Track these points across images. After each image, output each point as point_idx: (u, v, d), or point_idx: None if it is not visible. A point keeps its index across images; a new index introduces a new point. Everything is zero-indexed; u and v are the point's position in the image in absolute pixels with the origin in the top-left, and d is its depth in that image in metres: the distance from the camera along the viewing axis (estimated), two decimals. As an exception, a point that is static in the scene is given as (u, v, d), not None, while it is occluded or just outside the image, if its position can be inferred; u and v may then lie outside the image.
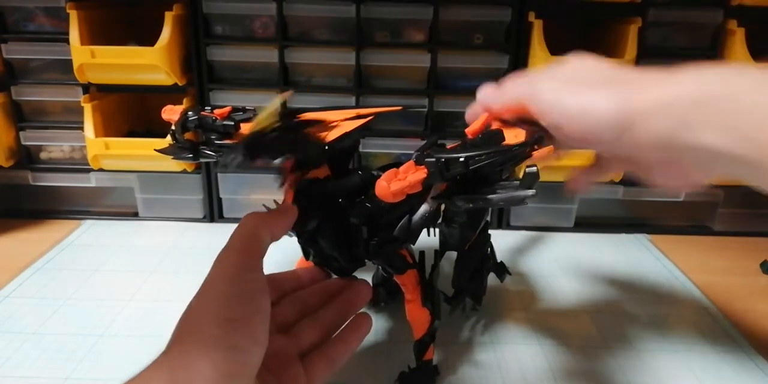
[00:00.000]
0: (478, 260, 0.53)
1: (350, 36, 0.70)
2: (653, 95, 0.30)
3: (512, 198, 0.32)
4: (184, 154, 0.41)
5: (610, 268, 0.68)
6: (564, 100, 0.33)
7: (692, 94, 0.29)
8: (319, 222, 0.39)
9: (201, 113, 0.41)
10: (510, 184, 0.32)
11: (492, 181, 0.33)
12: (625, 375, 0.49)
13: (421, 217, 0.40)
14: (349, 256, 0.41)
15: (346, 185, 0.41)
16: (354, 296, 0.42)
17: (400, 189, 0.32)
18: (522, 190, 0.32)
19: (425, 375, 0.47)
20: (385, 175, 0.32)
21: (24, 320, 0.54)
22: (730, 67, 0.29)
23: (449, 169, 0.32)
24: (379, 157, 0.76)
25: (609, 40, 0.74)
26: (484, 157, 0.32)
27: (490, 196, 0.33)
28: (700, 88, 0.29)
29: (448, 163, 0.32)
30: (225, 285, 0.32)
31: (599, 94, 0.32)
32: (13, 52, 0.71)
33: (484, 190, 0.33)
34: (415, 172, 0.32)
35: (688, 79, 0.30)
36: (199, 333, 0.30)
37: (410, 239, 0.41)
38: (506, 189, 0.32)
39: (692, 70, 0.30)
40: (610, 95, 0.31)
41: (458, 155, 0.32)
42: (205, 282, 0.33)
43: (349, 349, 0.39)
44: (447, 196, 0.35)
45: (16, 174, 0.76)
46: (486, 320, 0.56)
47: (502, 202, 0.33)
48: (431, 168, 0.32)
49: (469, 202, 0.34)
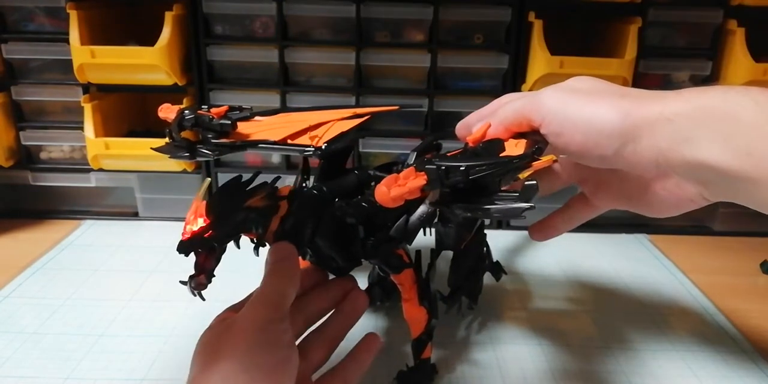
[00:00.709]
0: (474, 260, 0.53)
1: (350, 36, 0.70)
2: (657, 110, 0.30)
3: (510, 210, 0.32)
4: (180, 153, 0.41)
5: (610, 268, 0.68)
6: (568, 108, 0.33)
7: (694, 110, 0.29)
8: (313, 228, 0.39)
9: (198, 112, 0.41)
10: (508, 196, 0.33)
11: (491, 191, 0.34)
12: (625, 375, 0.49)
13: (418, 217, 0.40)
14: (346, 255, 0.41)
15: (342, 185, 0.41)
16: (353, 306, 0.41)
17: (399, 195, 0.32)
18: (520, 202, 0.32)
19: (423, 374, 0.47)
20: (385, 181, 0.32)
21: (24, 320, 0.54)
22: (732, 87, 0.30)
23: (449, 177, 0.32)
24: (379, 157, 0.76)
25: (609, 40, 0.74)
26: (485, 167, 0.32)
27: (487, 207, 0.33)
28: (702, 105, 0.29)
29: (449, 171, 0.32)
30: (254, 333, 0.32)
31: (604, 105, 0.32)
32: (13, 52, 0.71)
33: (483, 200, 0.33)
34: (415, 178, 0.32)
35: (691, 97, 0.30)
36: (226, 379, 0.31)
37: (407, 239, 0.41)
38: (504, 200, 0.33)
39: (695, 89, 0.30)
40: (614, 107, 0.31)
41: (459, 164, 0.32)
42: (232, 330, 0.33)
43: (362, 369, 0.40)
44: (445, 204, 0.35)
45: (16, 174, 0.76)
46: (485, 320, 0.56)
47: (499, 214, 0.33)
48: (431, 175, 0.32)
49: (467, 211, 0.34)
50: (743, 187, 0.28)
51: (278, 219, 0.36)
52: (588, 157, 0.33)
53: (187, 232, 0.33)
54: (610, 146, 0.31)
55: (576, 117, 0.32)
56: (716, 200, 0.32)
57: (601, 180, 0.39)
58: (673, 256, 0.71)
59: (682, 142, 0.29)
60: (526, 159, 0.32)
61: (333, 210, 0.39)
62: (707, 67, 0.71)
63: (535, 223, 0.44)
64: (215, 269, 0.34)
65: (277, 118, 0.45)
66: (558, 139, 0.33)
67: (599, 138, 0.31)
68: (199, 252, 0.33)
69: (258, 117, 0.44)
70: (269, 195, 0.36)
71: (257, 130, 0.42)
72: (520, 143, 0.35)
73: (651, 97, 0.31)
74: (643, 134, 0.30)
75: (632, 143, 0.31)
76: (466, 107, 0.41)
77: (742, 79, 0.68)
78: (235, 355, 0.31)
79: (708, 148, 0.29)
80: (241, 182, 0.36)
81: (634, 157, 0.31)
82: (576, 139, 0.32)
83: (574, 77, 0.36)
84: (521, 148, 0.34)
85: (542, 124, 0.34)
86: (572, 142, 0.33)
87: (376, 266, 0.51)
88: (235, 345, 0.32)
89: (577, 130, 0.32)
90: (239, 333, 0.33)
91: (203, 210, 0.33)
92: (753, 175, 0.27)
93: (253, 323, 0.33)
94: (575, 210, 0.42)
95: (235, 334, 0.33)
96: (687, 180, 0.32)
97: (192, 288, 0.33)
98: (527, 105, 0.35)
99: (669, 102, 0.30)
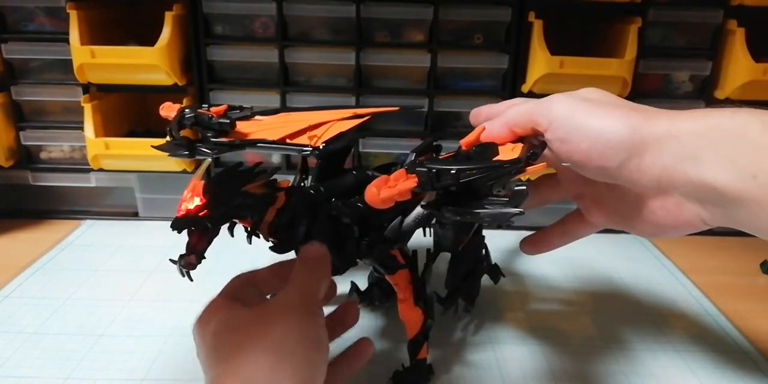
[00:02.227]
0: (471, 262, 0.53)
1: (350, 36, 0.70)
2: (665, 126, 0.30)
3: (499, 215, 0.32)
4: (180, 151, 0.41)
5: (610, 268, 0.68)
6: (577, 115, 0.32)
7: (701, 128, 0.29)
8: (308, 227, 0.39)
9: (197, 111, 0.41)
10: (498, 200, 0.33)
11: (482, 194, 0.34)
12: (625, 375, 0.49)
13: (413, 219, 0.40)
14: (341, 255, 0.41)
15: (340, 185, 0.41)
16: (343, 317, 0.41)
17: (389, 196, 0.32)
18: (510, 207, 0.32)
19: (419, 374, 0.47)
20: (376, 182, 0.32)
21: (24, 320, 0.54)
22: (742, 108, 0.29)
23: (440, 180, 0.32)
24: (380, 157, 0.76)
25: (609, 40, 0.74)
26: (476, 171, 0.32)
27: (477, 211, 0.33)
28: (710, 124, 0.29)
29: (439, 174, 0.32)
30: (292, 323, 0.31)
31: (614, 116, 0.32)
32: (13, 52, 0.71)
33: (473, 203, 0.33)
34: (406, 180, 0.32)
35: (699, 115, 0.30)
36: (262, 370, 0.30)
37: (401, 240, 0.41)
38: (494, 205, 0.33)
39: (706, 109, 0.30)
40: (624, 119, 0.31)
41: (450, 167, 0.32)
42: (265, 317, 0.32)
43: (351, 374, 0.39)
44: (436, 207, 0.36)
45: (16, 174, 0.76)
46: (483, 321, 0.56)
47: (488, 218, 0.33)
48: (422, 178, 0.32)
49: (456, 214, 0.34)
50: (746, 210, 0.28)
51: (274, 210, 0.36)
52: (590, 167, 0.33)
53: (182, 210, 0.33)
54: (615, 158, 0.31)
55: (584, 125, 0.32)
56: (715, 225, 0.32)
57: (598, 196, 0.38)
58: (673, 256, 0.71)
59: (687, 161, 0.29)
60: (518, 164, 0.32)
61: (329, 209, 0.40)
62: (707, 67, 0.71)
63: (528, 236, 0.44)
64: (206, 251, 0.33)
65: (277, 118, 0.45)
66: (563, 145, 0.33)
67: (605, 149, 0.31)
68: (192, 231, 0.33)
69: (258, 116, 0.44)
70: (268, 184, 0.37)
71: (257, 130, 0.42)
72: (517, 147, 0.35)
73: (661, 114, 0.31)
74: (649, 150, 0.30)
75: (637, 157, 0.31)
76: (466, 107, 0.41)
77: (742, 79, 0.68)
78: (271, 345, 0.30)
79: (713, 168, 0.28)
80: (241, 168, 0.36)
81: (637, 172, 0.31)
82: (581, 148, 0.32)
83: (586, 88, 0.36)
84: (517, 153, 0.34)
85: (549, 128, 0.33)
86: (577, 150, 0.32)
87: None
88: (268, 334, 0.30)
89: (583, 138, 0.32)
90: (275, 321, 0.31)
91: (200, 189, 0.33)
92: (758, 197, 0.27)
93: (293, 312, 0.31)
94: (570, 226, 0.42)
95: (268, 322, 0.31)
96: (688, 199, 0.31)
97: (181, 266, 0.33)
98: (535, 108, 0.34)
99: (677, 119, 0.30)
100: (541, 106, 0.34)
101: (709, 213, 0.31)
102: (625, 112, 0.32)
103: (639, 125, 0.31)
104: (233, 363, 0.30)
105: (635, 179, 0.31)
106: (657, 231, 0.35)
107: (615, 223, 0.38)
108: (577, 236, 0.42)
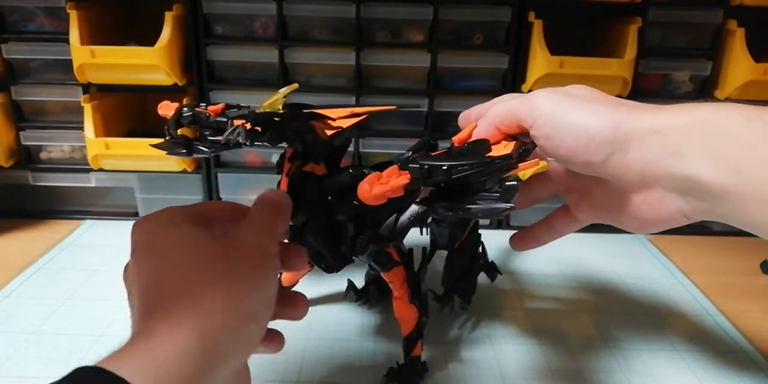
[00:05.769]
0: (467, 260, 0.53)
1: (350, 36, 0.70)
2: (648, 121, 0.30)
3: (491, 210, 0.33)
4: (178, 149, 0.42)
5: (610, 268, 0.68)
6: (561, 111, 0.33)
7: (684, 123, 0.29)
8: (308, 218, 0.39)
9: (195, 109, 0.41)
10: (490, 196, 0.33)
11: (474, 190, 0.34)
12: (625, 375, 0.49)
13: (408, 217, 0.40)
14: (336, 252, 0.41)
15: (336, 183, 0.41)
16: (292, 312, 0.36)
17: (381, 193, 0.32)
18: (501, 203, 0.32)
19: (414, 371, 0.47)
20: (368, 178, 0.33)
21: (24, 320, 0.54)
22: (724, 103, 0.30)
23: (432, 176, 0.33)
24: (379, 156, 0.76)
25: (609, 40, 0.74)
26: (467, 167, 0.32)
27: (469, 206, 0.33)
28: (693, 119, 0.29)
29: (432, 171, 0.32)
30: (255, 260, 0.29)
31: (598, 112, 0.32)
32: (13, 52, 0.71)
33: (466, 199, 0.34)
34: (398, 176, 0.33)
35: (682, 110, 0.30)
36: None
37: (395, 238, 0.41)
38: (486, 200, 0.33)
39: (689, 104, 0.30)
40: (608, 115, 0.32)
41: (442, 163, 0.32)
42: (240, 251, 0.29)
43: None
44: (429, 203, 0.36)
45: (16, 174, 0.76)
46: (480, 319, 0.56)
47: (480, 214, 0.33)
48: (414, 174, 0.33)
49: (449, 210, 0.34)
50: (729, 204, 0.28)
51: (312, 168, 0.39)
52: (575, 161, 0.33)
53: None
54: (599, 153, 0.31)
55: (568, 121, 0.32)
56: (697, 219, 0.32)
57: (585, 190, 0.38)
58: (673, 256, 0.71)
59: (669, 156, 0.30)
60: (509, 159, 0.33)
61: (325, 206, 0.40)
62: (707, 67, 0.71)
63: (516, 232, 0.44)
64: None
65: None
66: (548, 141, 0.33)
67: (589, 144, 0.32)
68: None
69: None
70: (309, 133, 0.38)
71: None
72: (509, 145, 0.35)
73: (644, 109, 0.32)
74: (632, 145, 0.31)
75: (620, 153, 0.31)
76: (465, 107, 0.41)
77: (742, 79, 0.68)
78: (230, 282, 0.28)
79: (695, 162, 0.29)
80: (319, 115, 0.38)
81: (621, 166, 0.31)
82: (566, 143, 0.32)
83: (572, 85, 0.36)
84: (509, 150, 0.34)
85: (533, 125, 0.34)
86: (562, 145, 0.33)
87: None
88: (228, 271, 0.28)
89: (568, 134, 0.32)
90: (236, 256, 0.29)
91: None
92: (740, 191, 0.27)
93: (253, 250, 0.29)
94: (556, 221, 0.42)
95: (229, 257, 0.29)
96: (670, 194, 0.32)
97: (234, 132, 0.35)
98: (520, 105, 0.34)
99: (660, 114, 0.31)
100: (525, 103, 0.34)
101: (690, 207, 0.31)
102: (609, 107, 0.32)
103: (622, 120, 0.31)
104: (195, 294, 0.27)
105: (619, 174, 0.32)
106: (640, 225, 0.35)
107: (602, 217, 0.38)
108: (562, 232, 0.42)
